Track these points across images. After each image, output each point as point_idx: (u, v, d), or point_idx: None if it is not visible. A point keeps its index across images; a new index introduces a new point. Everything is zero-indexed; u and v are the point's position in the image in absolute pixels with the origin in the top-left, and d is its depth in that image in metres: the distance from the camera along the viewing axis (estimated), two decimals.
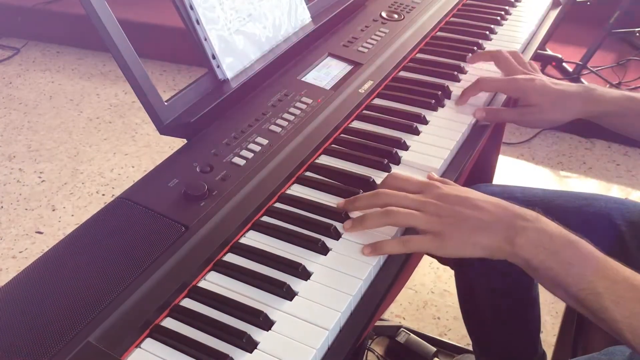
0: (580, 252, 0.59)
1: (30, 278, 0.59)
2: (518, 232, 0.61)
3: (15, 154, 2.25)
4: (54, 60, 2.89)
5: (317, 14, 1.02)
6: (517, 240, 0.60)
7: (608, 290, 0.57)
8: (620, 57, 2.35)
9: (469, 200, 0.64)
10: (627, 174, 2.05)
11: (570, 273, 0.58)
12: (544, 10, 1.18)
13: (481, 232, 0.62)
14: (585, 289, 0.58)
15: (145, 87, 0.74)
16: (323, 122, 0.82)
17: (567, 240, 0.60)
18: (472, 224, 0.62)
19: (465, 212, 0.63)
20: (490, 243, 0.62)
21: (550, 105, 0.83)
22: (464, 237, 0.62)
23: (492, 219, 0.62)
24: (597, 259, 0.59)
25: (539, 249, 0.60)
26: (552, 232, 0.61)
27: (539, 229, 0.61)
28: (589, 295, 0.58)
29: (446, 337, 1.50)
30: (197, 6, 0.81)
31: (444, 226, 0.63)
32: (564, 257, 0.59)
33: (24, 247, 1.82)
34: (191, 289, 0.61)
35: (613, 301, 0.57)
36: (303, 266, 0.63)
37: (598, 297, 0.57)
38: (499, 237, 0.61)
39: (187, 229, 0.64)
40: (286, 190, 0.74)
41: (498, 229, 0.62)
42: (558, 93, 0.83)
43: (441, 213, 0.63)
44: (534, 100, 0.83)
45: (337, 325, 0.58)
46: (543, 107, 0.83)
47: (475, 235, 0.62)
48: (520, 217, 0.62)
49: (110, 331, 0.54)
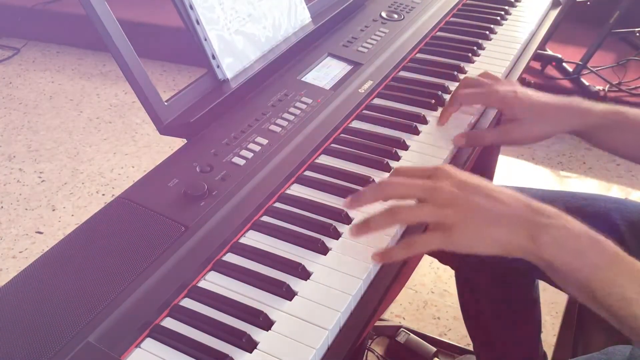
0: (608, 253, 0.55)
1: (30, 278, 0.59)
2: (541, 230, 0.55)
3: (15, 154, 2.25)
4: (54, 60, 2.89)
5: (316, 14, 1.02)
6: (540, 239, 0.55)
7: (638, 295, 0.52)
8: (620, 57, 2.35)
9: (484, 189, 0.59)
10: (627, 174, 2.05)
11: (598, 277, 0.53)
12: (544, 10, 1.18)
13: (500, 227, 0.56)
14: (613, 293, 0.53)
15: (145, 87, 0.74)
16: (323, 122, 0.82)
17: (593, 240, 0.55)
18: (489, 216, 0.57)
19: (482, 202, 0.57)
20: (509, 239, 0.56)
21: (536, 118, 0.77)
22: (479, 230, 0.57)
23: (510, 213, 0.57)
24: (626, 261, 0.54)
25: (564, 249, 0.55)
26: (577, 230, 0.56)
27: (564, 227, 0.56)
28: (617, 301, 0.53)
29: (446, 337, 1.50)
30: (197, 6, 0.81)
31: (456, 217, 0.57)
32: (591, 259, 0.54)
33: (24, 247, 1.82)
34: (191, 288, 0.61)
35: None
36: (303, 266, 0.63)
37: (627, 303, 0.52)
38: (520, 233, 0.56)
39: (187, 228, 0.64)
40: (286, 190, 0.74)
41: (517, 223, 0.56)
42: (544, 105, 0.77)
43: (454, 202, 0.57)
44: (519, 113, 0.77)
45: (336, 325, 0.58)
46: (529, 120, 0.77)
47: (492, 229, 0.56)
48: (541, 213, 0.57)
49: (110, 331, 0.54)
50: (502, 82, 0.82)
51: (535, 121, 0.77)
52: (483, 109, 0.90)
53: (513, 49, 1.04)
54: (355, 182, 0.75)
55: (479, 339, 1.17)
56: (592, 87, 2.20)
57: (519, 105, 0.77)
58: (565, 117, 0.77)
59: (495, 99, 0.80)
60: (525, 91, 0.79)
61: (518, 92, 0.78)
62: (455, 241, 0.58)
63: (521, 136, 0.79)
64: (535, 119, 0.77)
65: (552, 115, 0.77)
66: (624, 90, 2.20)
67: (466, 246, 0.58)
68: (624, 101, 2.16)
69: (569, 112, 0.77)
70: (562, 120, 0.77)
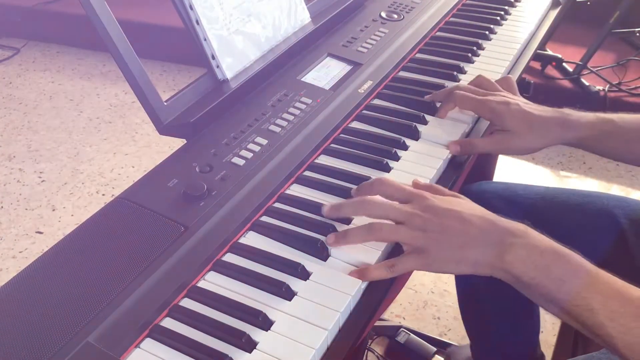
0: (571, 266, 0.58)
1: (30, 278, 0.59)
2: (506, 249, 0.59)
3: (15, 154, 2.25)
4: (54, 60, 2.90)
5: (316, 14, 1.02)
6: (506, 257, 0.58)
7: (602, 305, 0.55)
8: (620, 57, 2.35)
9: (457, 213, 0.62)
10: (627, 174, 2.05)
11: (562, 289, 0.57)
12: (544, 10, 1.18)
13: (469, 248, 0.60)
14: (579, 305, 0.56)
15: (144, 87, 0.74)
16: (322, 122, 0.82)
17: (557, 255, 0.58)
18: (459, 239, 0.60)
19: (453, 226, 0.61)
20: (477, 259, 0.60)
21: (527, 130, 0.78)
22: (451, 252, 0.60)
23: (480, 235, 0.60)
24: (589, 273, 0.57)
25: (529, 265, 0.58)
26: (541, 247, 0.59)
27: (528, 244, 0.59)
28: (584, 312, 0.56)
29: (446, 337, 1.50)
30: (196, 6, 0.81)
31: (429, 241, 0.61)
32: (555, 273, 0.57)
33: (24, 247, 1.82)
34: (190, 288, 0.61)
35: (607, 317, 0.55)
36: (302, 266, 0.63)
37: (593, 313, 0.55)
38: (488, 253, 0.59)
39: (187, 228, 0.64)
40: (286, 190, 0.74)
41: (486, 244, 0.60)
42: (535, 118, 0.78)
43: (427, 227, 0.61)
44: (510, 124, 0.78)
45: (336, 325, 0.58)
46: (520, 132, 0.78)
47: (462, 251, 0.60)
48: (509, 232, 0.60)
49: (110, 331, 0.54)
50: (495, 93, 0.82)
51: (523, 134, 0.78)
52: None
53: (513, 49, 1.04)
54: (355, 182, 0.74)
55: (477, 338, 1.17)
56: (592, 87, 2.20)
57: (509, 118, 0.78)
58: (555, 130, 0.78)
59: (487, 110, 0.80)
60: (517, 103, 0.79)
61: (510, 104, 0.79)
62: (430, 263, 0.61)
63: (512, 147, 0.80)
64: (524, 132, 0.78)
65: (542, 128, 0.78)
66: (624, 90, 2.19)
67: (440, 268, 0.62)
68: (624, 101, 2.16)
69: (559, 125, 0.78)
70: (551, 133, 0.78)
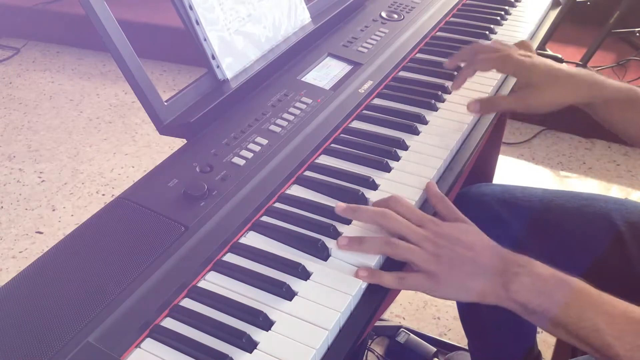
0: (575, 290, 0.59)
1: (30, 278, 0.59)
2: (511, 278, 0.60)
3: (15, 154, 2.25)
4: (54, 60, 2.89)
5: (316, 14, 1.02)
6: (511, 287, 0.60)
7: (609, 325, 0.56)
8: (620, 57, 2.35)
9: (467, 244, 0.63)
10: (627, 174, 2.05)
11: (567, 313, 0.58)
12: (544, 10, 1.18)
13: (476, 278, 0.62)
14: (585, 327, 0.57)
15: (145, 87, 0.74)
16: (323, 122, 0.82)
17: (560, 280, 0.60)
18: (468, 268, 0.62)
19: (463, 255, 0.62)
20: (483, 289, 0.61)
21: (553, 84, 0.76)
22: (459, 281, 0.62)
23: (488, 264, 0.62)
24: (593, 295, 0.59)
25: (534, 293, 0.59)
26: (544, 274, 0.60)
27: (532, 272, 0.60)
28: (591, 333, 0.57)
29: (446, 337, 1.50)
30: (196, 6, 0.81)
31: (441, 266, 0.62)
32: (560, 299, 0.59)
33: (24, 247, 1.82)
34: (191, 289, 0.61)
35: (614, 336, 0.56)
36: (303, 266, 0.63)
37: (599, 334, 0.57)
38: (494, 283, 0.61)
39: (187, 229, 0.64)
40: (286, 190, 0.74)
41: (493, 274, 0.61)
42: (561, 72, 0.77)
43: (440, 253, 0.62)
44: (535, 78, 0.77)
45: (336, 325, 0.58)
46: (545, 86, 0.76)
47: (470, 280, 0.62)
48: (513, 262, 0.62)
49: (110, 331, 0.54)
50: (516, 48, 0.82)
51: (549, 87, 0.77)
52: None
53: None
54: (356, 183, 0.75)
55: (475, 336, 1.17)
56: None
57: (534, 70, 0.77)
58: (580, 85, 0.77)
59: (511, 64, 0.79)
60: (541, 58, 0.79)
61: (534, 58, 0.79)
62: (438, 289, 0.62)
63: (535, 102, 0.78)
64: (549, 85, 0.77)
65: (567, 82, 0.77)
66: None
67: (446, 294, 0.63)
68: None
69: (584, 81, 0.77)
70: (576, 88, 0.77)
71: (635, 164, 2.08)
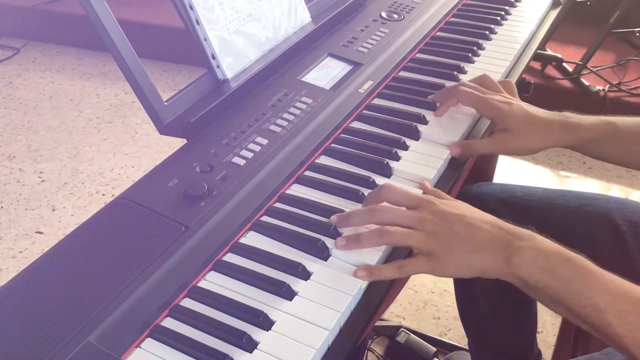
0: (578, 267, 0.59)
1: (30, 278, 0.59)
2: (513, 252, 0.60)
3: (15, 154, 2.25)
4: (54, 60, 2.89)
5: (317, 14, 1.02)
6: (513, 260, 0.60)
7: (609, 305, 0.56)
8: (620, 57, 2.34)
9: (465, 219, 0.63)
10: (627, 174, 2.05)
11: (569, 290, 0.58)
12: (544, 10, 1.18)
13: (478, 253, 0.61)
14: (586, 305, 0.57)
15: (145, 87, 0.74)
16: (323, 122, 0.82)
17: (563, 257, 0.59)
18: (468, 244, 0.62)
19: (462, 231, 0.62)
20: (486, 264, 0.61)
21: (528, 130, 0.78)
22: (461, 257, 0.62)
23: (489, 239, 0.62)
24: (595, 274, 0.58)
25: (536, 267, 0.59)
26: (547, 250, 0.60)
27: (534, 247, 0.60)
28: (591, 312, 0.57)
29: (446, 337, 1.50)
30: (196, 6, 0.81)
31: (440, 245, 0.62)
32: (562, 274, 0.58)
33: (24, 247, 1.82)
34: (191, 288, 0.61)
35: (616, 316, 0.56)
36: (303, 266, 0.63)
37: (600, 313, 0.56)
38: (496, 257, 0.61)
39: (187, 228, 0.64)
40: (286, 190, 0.74)
41: (495, 249, 0.61)
42: (536, 119, 0.79)
43: (438, 231, 0.62)
44: (512, 123, 0.79)
45: (337, 325, 0.58)
46: (521, 132, 0.79)
47: (472, 256, 0.61)
48: (515, 236, 0.61)
49: (110, 331, 0.54)
50: (498, 91, 0.83)
51: (525, 134, 0.79)
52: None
53: (513, 49, 1.04)
54: (356, 182, 0.75)
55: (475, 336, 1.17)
56: (592, 87, 2.20)
57: (512, 117, 0.79)
58: (557, 132, 0.79)
59: (490, 109, 0.81)
60: (520, 103, 0.80)
61: (513, 104, 0.80)
62: (440, 268, 0.62)
63: (513, 148, 0.80)
64: (525, 132, 0.79)
65: (541, 129, 0.79)
66: (624, 90, 2.19)
67: (449, 272, 0.63)
68: (624, 101, 2.16)
69: (560, 127, 0.79)
70: (553, 135, 0.79)
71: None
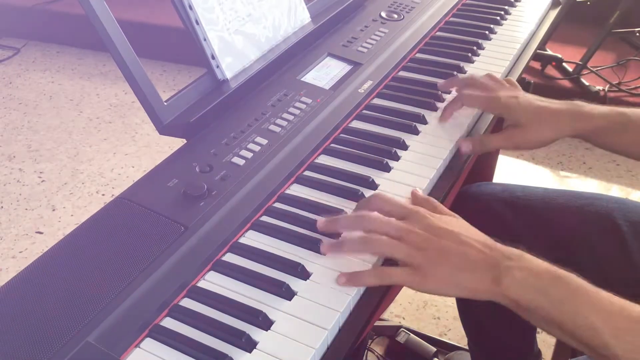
0: (570, 286, 0.57)
1: (30, 278, 0.59)
2: (502, 273, 0.58)
3: (15, 154, 2.25)
4: (54, 60, 2.90)
5: (316, 13, 1.02)
6: (503, 281, 0.57)
7: (606, 323, 0.54)
8: (620, 57, 2.35)
9: (455, 235, 0.61)
10: (627, 174, 2.05)
11: (563, 310, 0.56)
12: (544, 10, 1.18)
13: (466, 272, 0.59)
14: (581, 325, 0.55)
15: (144, 87, 0.74)
16: (323, 122, 0.82)
17: (554, 276, 0.57)
18: (456, 261, 0.59)
19: (451, 248, 0.60)
20: (473, 285, 0.59)
21: (538, 123, 0.78)
22: (447, 275, 0.59)
23: (478, 258, 0.59)
24: (589, 292, 0.56)
25: (526, 288, 0.57)
26: (537, 269, 0.58)
27: (524, 267, 0.58)
28: (587, 332, 0.55)
29: (446, 337, 1.50)
30: (196, 6, 0.81)
31: (426, 260, 0.60)
32: (554, 294, 0.56)
33: (24, 247, 1.82)
34: (190, 288, 0.61)
35: (612, 335, 0.54)
36: (302, 266, 0.63)
37: (596, 332, 0.54)
38: (485, 277, 0.58)
39: (187, 228, 0.64)
40: (286, 190, 0.74)
41: (484, 268, 0.59)
42: (546, 110, 0.78)
43: (425, 246, 0.60)
44: (521, 119, 0.78)
45: (336, 325, 0.58)
46: (531, 125, 0.78)
47: (459, 275, 0.59)
48: (504, 256, 0.59)
49: (110, 331, 0.54)
50: (504, 87, 0.83)
51: (537, 126, 0.78)
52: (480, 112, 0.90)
53: (513, 49, 1.04)
54: (355, 182, 0.75)
55: (474, 336, 1.17)
56: (592, 87, 2.20)
57: (520, 111, 0.78)
58: (567, 121, 0.78)
59: (497, 106, 0.81)
60: (527, 96, 0.80)
61: (519, 98, 0.79)
62: (423, 283, 0.60)
63: (524, 141, 0.80)
64: (537, 124, 0.78)
65: (554, 120, 0.78)
66: (624, 90, 2.20)
67: (433, 289, 0.60)
68: (624, 101, 2.16)
69: (571, 116, 0.78)
70: (563, 124, 0.78)
71: (635, 164, 2.08)
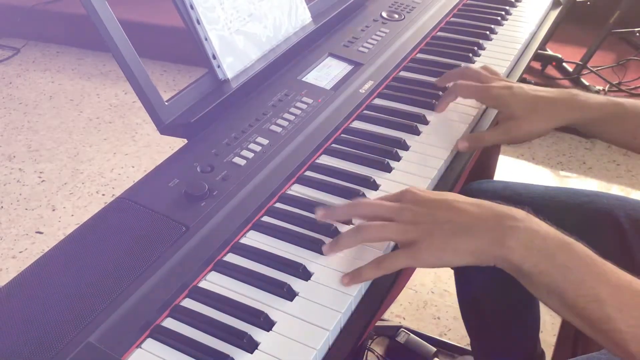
0: (578, 254, 0.54)
1: (30, 278, 0.59)
2: (507, 233, 0.55)
3: (15, 154, 2.25)
4: (54, 60, 2.89)
5: (317, 13, 1.02)
6: (506, 242, 0.54)
7: (611, 296, 0.51)
8: (620, 57, 2.35)
9: (448, 202, 0.59)
10: (627, 174, 2.05)
11: (567, 278, 0.53)
12: (544, 10, 1.18)
13: (462, 236, 0.56)
14: (585, 295, 0.52)
15: (145, 87, 0.74)
16: (323, 122, 0.82)
17: (562, 242, 0.55)
18: (450, 227, 0.56)
19: (444, 215, 0.57)
20: (474, 247, 0.56)
21: (533, 113, 0.76)
22: (443, 242, 0.56)
23: (475, 221, 0.56)
24: (596, 262, 0.53)
25: (532, 251, 0.54)
26: (545, 232, 0.55)
27: (530, 229, 0.55)
28: (590, 303, 0.52)
29: (446, 337, 1.50)
30: (197, 6, 0.81)
31: (420, 232, 0.57)
32: (560, 260, 0.53)
33: (24, 247, 1.82)
34: (192, 289, 0.61)
35: (617, 308, 0.51)
36: (304, 266, 0.63)
37: (600, 305, 0.51)
38: (485, 239, 0.55)
39: (188, 229, 0.64)
40: (287, 190, 0.74)
41: (483, 230, 0.56)
42: (541, 99, 0.76)
43: (417, 219, 0.58)
44: (516, 110, 0.77)
45: (337, 326, 0.58)
46: (526, 116, 0.76)
47: (455, 240, 0.56)
48: (508, 216, 0.56)
49: (111, 331, 0.54)
50: (499, 80, 0.82)
51: (530, 117, 0.77)
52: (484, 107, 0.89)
53: (513, 49, 1.04)
54: (356, 183, 0.75)
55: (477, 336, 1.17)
56: (592, 87, 2.20)
57: (514, 102, 0.77)
58: (562, 111, 0.77)
59: (490, 97, 0.80)
60: (521, 87, 0.79)
61: (513, 89, 0.78)
62: (420, 257, 0.58)
63: (519, 133, 0.78)
64: (530, 114, 0.77)
65: (549, 109, 0.77)
66: (624, 90, 2.20)
67: (433, 260, 0.58)
68: None
69: (566, 105, 0.77)
70: (559, 113, 0.77)
71: (635, 164, 2.08)
